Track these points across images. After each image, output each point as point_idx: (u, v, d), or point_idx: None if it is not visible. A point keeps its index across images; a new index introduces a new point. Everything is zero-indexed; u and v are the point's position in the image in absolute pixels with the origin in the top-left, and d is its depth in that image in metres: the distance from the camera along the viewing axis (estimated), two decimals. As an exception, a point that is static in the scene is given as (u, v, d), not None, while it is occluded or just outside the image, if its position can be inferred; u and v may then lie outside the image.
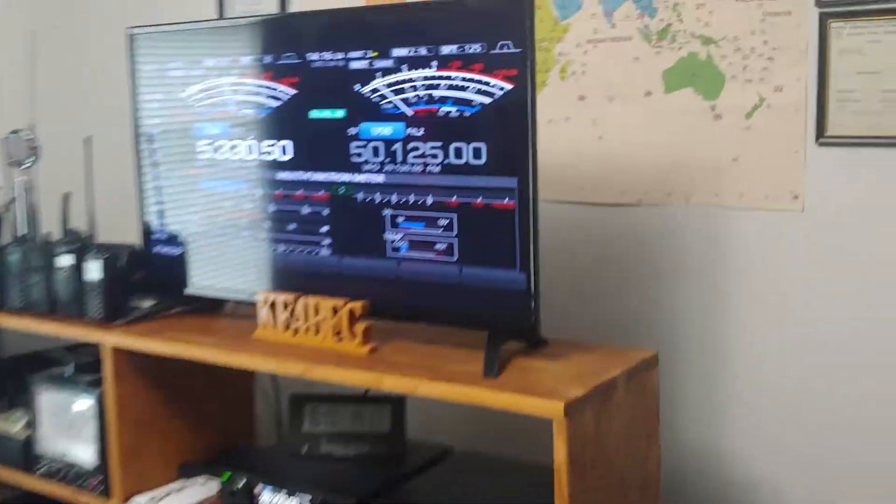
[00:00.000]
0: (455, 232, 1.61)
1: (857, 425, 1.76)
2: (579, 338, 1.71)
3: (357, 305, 1.67)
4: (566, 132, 2.02)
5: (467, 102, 1.56)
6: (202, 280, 1.97)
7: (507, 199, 1.54)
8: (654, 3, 1.90)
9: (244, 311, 1.91)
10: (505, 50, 1.51)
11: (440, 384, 1.48)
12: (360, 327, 1.66)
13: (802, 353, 1.80)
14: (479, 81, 1.54)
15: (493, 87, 1.53)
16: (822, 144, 1.76)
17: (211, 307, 2.00)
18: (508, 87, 1.51)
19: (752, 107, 1.82)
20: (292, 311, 1.74)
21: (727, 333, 1.87)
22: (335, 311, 1.68)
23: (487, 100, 1.54)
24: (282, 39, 1.79)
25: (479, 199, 1.58)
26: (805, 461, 1.81)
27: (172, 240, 1.99)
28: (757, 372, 1.85)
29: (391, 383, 1.52)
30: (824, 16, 1.75)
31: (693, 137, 1.89)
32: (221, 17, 2.45)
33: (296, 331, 1.74)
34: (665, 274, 1.93)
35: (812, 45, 1.76)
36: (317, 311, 1.71)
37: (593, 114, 1.98)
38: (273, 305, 1.76)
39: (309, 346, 1.70)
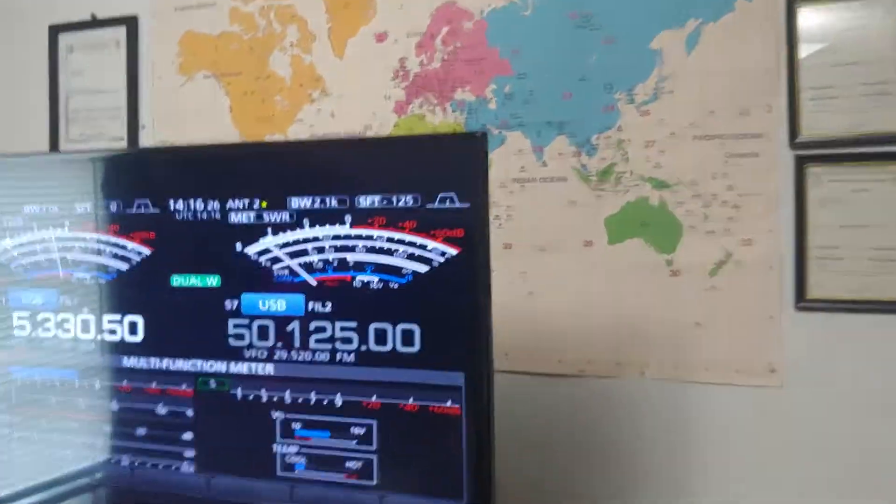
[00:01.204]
0: (375, 445, 1.20)
1: None
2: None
3: (236, 549, 1.20)
4: (490, 287, 1.68)
5: (394, 270, 1.17)
6: (7, 497, 1.45)
7: (449, 401, 1.15)
8: (592, 139, 1.63)
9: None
10: (447, 204, 1.13)
11: None
12: (239, 583, 1.19)
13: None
14: (412, 244, 1.15)
15: (430, 251, 1.14)
16: (801, 309, 1.54)
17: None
18: (452, 251, 1.13)
19: (716, 263, 1.59)
20: (141, 554, 1.25)
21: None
22: (204, 557, 1.21)
23: (423, 267, 1.15)
24: (132, 182, 1.35)
25: (411, 401, 1.17)
26: None
27: (-31, 443, 1.47)
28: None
29: None
30: (800, 159, 1.51)
31: (646, 297, 1.63)
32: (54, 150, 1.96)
33: (146, 584, 1.25)
34: (616, 461, 1.65)
35: (786, 192, 1.55)
36: (177, 557, 1.23)
37: (522, 265, 1.71)
38: (113, 546, 1.27)
39: None
